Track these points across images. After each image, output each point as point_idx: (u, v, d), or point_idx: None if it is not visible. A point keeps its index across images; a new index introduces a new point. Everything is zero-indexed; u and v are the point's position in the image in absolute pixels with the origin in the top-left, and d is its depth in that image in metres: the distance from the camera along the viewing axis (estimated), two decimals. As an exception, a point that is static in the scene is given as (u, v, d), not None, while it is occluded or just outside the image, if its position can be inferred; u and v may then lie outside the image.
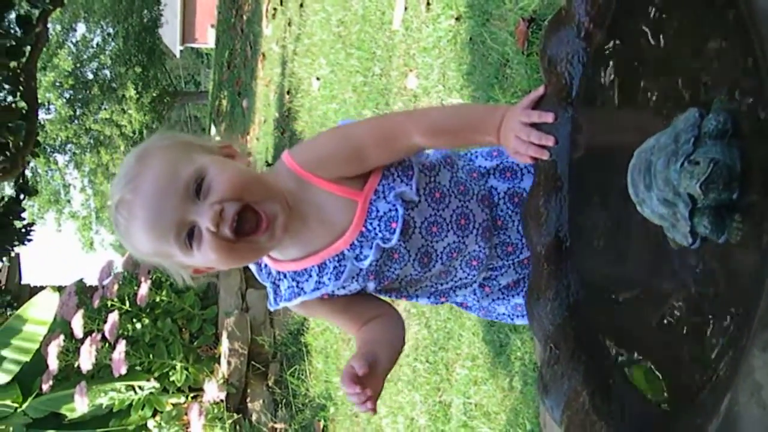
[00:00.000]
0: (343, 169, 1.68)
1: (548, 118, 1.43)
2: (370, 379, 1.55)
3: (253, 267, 1.84)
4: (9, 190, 13.11)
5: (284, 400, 5.79)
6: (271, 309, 1.87)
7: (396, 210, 1.69)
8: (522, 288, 1.94)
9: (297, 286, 1.77)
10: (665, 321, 1.15)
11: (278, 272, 1.80)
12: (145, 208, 1.54)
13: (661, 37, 1.19)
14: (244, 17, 11.40)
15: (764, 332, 0.82)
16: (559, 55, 1.39)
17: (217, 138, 1.69)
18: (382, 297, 1.91)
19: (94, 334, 5.54)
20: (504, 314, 2.07)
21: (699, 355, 1.06)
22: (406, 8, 4.69)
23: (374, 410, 1.58)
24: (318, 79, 6.47)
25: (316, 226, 1.70)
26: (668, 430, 1.07)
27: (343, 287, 1.76)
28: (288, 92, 7.56)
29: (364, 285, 1.78)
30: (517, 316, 2.06)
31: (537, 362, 2.88)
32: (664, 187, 1.03)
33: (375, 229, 1.70)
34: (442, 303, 2.04)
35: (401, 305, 4.26)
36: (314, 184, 1.67)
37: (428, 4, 4.30)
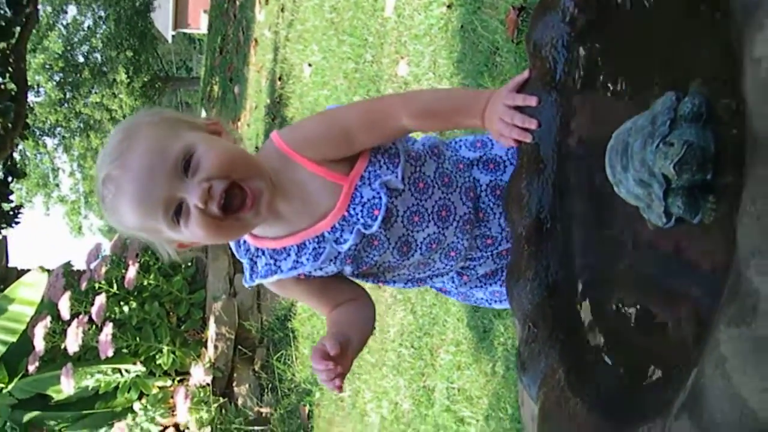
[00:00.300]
0: (332, 151, 1.70)
1: (532, 101, 1.46)
2: (340, 359, 1.58)
3: (231, 243, 1.86)
4: (-3, 173, 13.09)
5: (270, 385, 5.81)
6: (246, 285, 1.88)
7: (380, 198, 1.71)
8: (500, 277, 1.98)
9: (275, 264, 1.78)
10: (640, 302, 1.18)
11: (257, 249, 1.81)
12: (134, 184, 1.54)
13: (642, 21, 1.22)
14: (237, 3, 11.38)
15: (729, 307, 0.84)
16: (544, 39, 1.41)
17: (204, 115, 1.69)
18: (358, 281, 1.93)
19: (81, 316, 5.55)
20: (482, 299, 2.10)
21: (671, 333, 1.09)
22: (398, -5, 4.71)
23: (341, 388, 1.61)
24: (310, 65, 6.48)
25: (299, 206, 1.72)
26: (639, 405, 1.10)
27: (320, 269, 1.78)
28: (280, 78, 7.57)
29: (341, 268, 1.80)
30: (495, 301, 2.09)
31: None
32: (640, 167, 1.06)
33: (357, 214, 1.72)
34: (419, 287, 2.07)
35: (387, 290, 4.29)
36: (300, 164, 1.69)
37: (420, -9, 4.32)
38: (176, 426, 5.75)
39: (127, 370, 5.73)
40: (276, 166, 1.68)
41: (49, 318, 5.61)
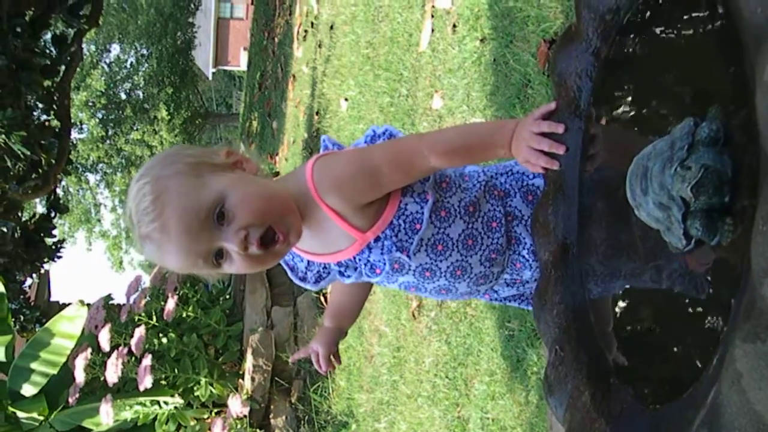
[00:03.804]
0: (361, 196, 1.72)
1: (559, 128, 1.48)
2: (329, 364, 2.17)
3: None
4: (40, 208, 13.28)
5: (307, 417, 5.83)
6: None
7: (384, 263, 1.77)
8: (521, 301, 2.03)
9: (293, 259, 1.93)
10: (663, 321, 1.20)
11: None
12: (174, 245, 1.62)
13: (662, 51, 1.25)
14: (276, 39, 11.54)
15: (745, 323, 0.86)
16: (568, 69, 1.44)
17: (220, 146, 1.76)
18: None
19: (120, 348, 5.60)
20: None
21: (693, 352, 1.11)
22: (433, 30, 4.76)
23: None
24: (346, 100, 6.55)
25: (315, 235, 1.78)
26: (663, 424, 1.11)
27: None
28: (317, 113, 7.65)
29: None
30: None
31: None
32: (659, 191, 1.09)
33: (362, 265, 1.81)
34: None
35: (423, 322, 4.31)
36: (323, 210, 1.72)
37: (454, 26, 4.37)
38: (214, 458, 5.78)
39: (165, 402, 5.77)
40: (300, 197, 1.73)
41: (89, 350, 5.67)
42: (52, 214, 7.68)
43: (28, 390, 5.77)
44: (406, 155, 1.73)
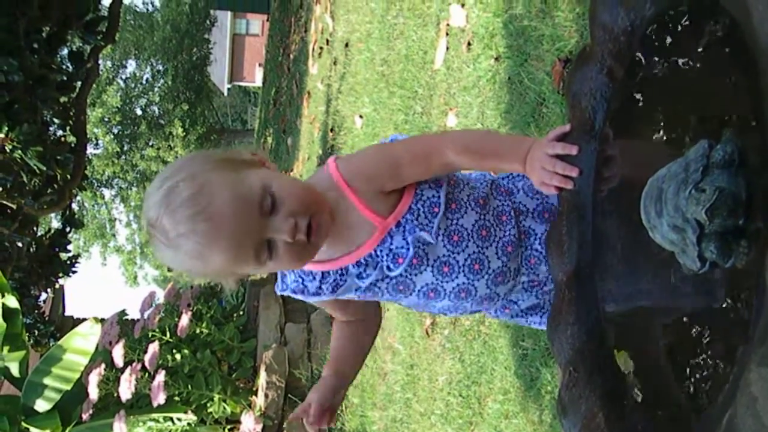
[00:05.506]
0: (382, 183, 1.76)
1: (572, 150, 1.48)
2: (321, 419, 1.94)
3: None
4: (56, 223, 13.35)
5: (320, 434, 5.81)
6: (277, 292, 1.95)
7: (407, 249, 1.77)
8: (541, 310, 2.01)
9: (302, 283, 1.87)
10: (678, 343, 1.19)
11: None
12: (227, 235, 1.58)
13: (677, 72, 1.25)
14: (291, 56, 11.57)
15: (760, 348, 0.86)
16: (583, 90, 1.44)
17: (242, 147, 1.81)
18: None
19: (134, 364, 5.61)
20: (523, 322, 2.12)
21: (708, 374, 1.10)
22: (447, 48, 4.77)
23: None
24: (361, 117, 6.56)
25: (338, 235, 1.78)
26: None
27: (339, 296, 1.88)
28: (332, 130, 7.66)
29: (360, 297, 1.89)
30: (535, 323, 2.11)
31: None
32: (674, 213, 1.09)
33: (383, 256, 1.79)
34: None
35: (436, 339, 4.30)
36: (347, 196, 1.75)
37: (469, 44, 4.37)
38: (227, 474, 5.78)
39: (178, 419, 5.76)
40: (330, 195, 1.75)
41: (103, 366, 5.68)
42: (67, 229, 7.72)
43: (41, 406, 5.77)
44: (426, 149, 1.78)
